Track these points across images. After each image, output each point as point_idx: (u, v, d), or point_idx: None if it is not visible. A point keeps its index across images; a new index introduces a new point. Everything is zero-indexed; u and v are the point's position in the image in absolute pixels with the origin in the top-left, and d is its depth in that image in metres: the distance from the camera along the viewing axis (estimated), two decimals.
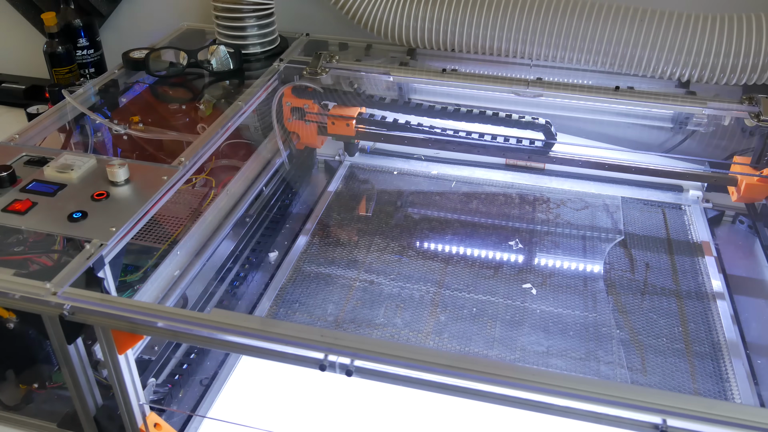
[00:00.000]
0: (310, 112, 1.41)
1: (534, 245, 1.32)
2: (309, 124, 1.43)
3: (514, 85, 1.35)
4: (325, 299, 1.18)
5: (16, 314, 0.88)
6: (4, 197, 0.98)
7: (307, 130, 1.45)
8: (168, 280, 1.03)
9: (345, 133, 1.43)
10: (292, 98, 1.40)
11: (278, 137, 1.37)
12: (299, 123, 1.44)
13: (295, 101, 1.41)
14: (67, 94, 1.29)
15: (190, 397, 1.01)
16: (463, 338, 1.10)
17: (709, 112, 1.29)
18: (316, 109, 1.42)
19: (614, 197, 1.46)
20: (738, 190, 1.32)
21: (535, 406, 0.74)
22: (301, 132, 1.46)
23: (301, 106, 1.41)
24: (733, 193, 1.34)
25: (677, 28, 1.32)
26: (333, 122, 1.42)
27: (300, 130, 1.45)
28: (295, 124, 1.44)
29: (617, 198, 1.46)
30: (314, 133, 1.45)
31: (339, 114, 1.43)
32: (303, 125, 1.44)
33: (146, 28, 1.84)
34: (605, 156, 1.38)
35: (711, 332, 1.13)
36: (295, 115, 1.42)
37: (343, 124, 1.42)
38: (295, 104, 1.41)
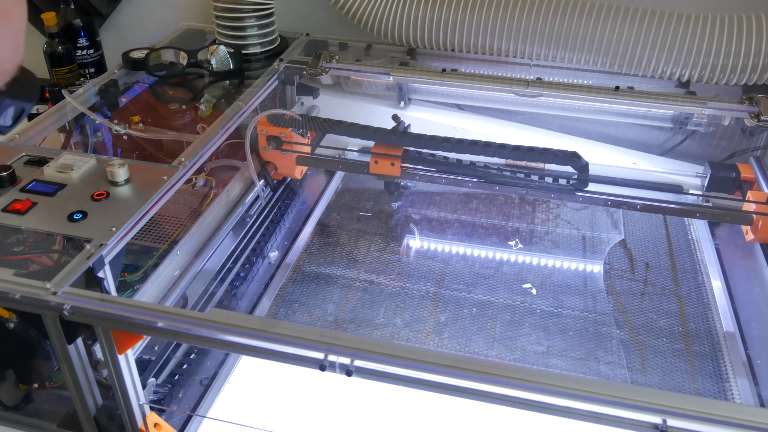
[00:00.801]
0: (288, 141, 1.30)
1: (534, 245, 1.32)
2: (286, 153, 1.32)
3: (514, 85, 1.35)
4: (325, 299, 1.18)
5: (16, 314, 0.88)
6: (4, 197, 0.98)
7: (285, 159, 1.33)
8: (168, 280, 1.03)
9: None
10: (268, 126, 1.29)
11: (252, 169, 1.25)
12: (276, 152, 1.32)
13: (271, 129, 1.29)
14: (67, 94, 1.29)
15: (190, 397, 1.01)
16: (463, 338, 1.10)
17: (709, 112, 1.29)
18: (293, 138, 1.30)
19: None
20: (755, 230, 1.20)
21: (535, 406, 0.74)
22: (279, 162, 1.34)
23: (277, 135, 1.29)
24: (748, 233, 1.22)
25: (677, 28, 1.32)
26: (376, 161, 1.27)
27: (277, 159, 1.34)
28: (272, 153, 1.32)
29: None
30: (292, 162, 1.34)
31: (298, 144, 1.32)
32: (280, 155, 1.32)
33: (146, 28, 1.84)
34: (614, 194, 1.26)
35: (711, 332, 1.13)
36: (272, 145, 1.30)
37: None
38: (271, 132, 1.29)
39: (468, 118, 1.54)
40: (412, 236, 1.34)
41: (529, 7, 1.38)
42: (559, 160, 1.18)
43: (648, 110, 1.35)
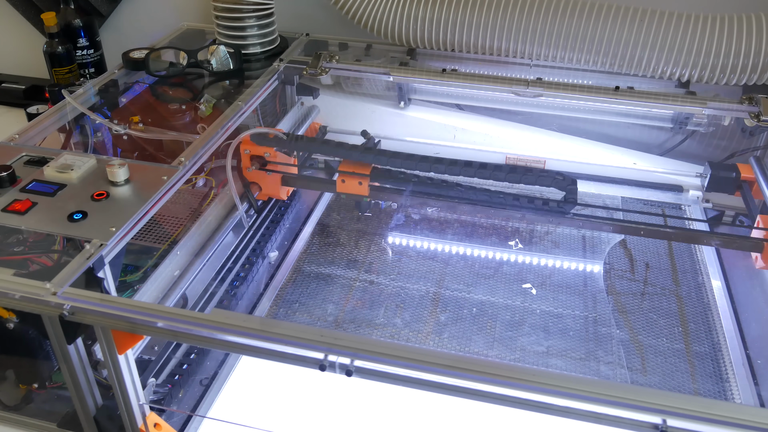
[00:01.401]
0: (272, 161, 1.22)
1: (534, 245, 1.32)
2: (270, 174, 1.23)
3: (514, 85, 1.35)
4: (324, 299, 1.18)
5: (16, 314, 0.88)
6: (4, 197, 0.98)
7: (270, 180, 1.24)
8: (168, 280, 1.03)
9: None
10: (251, 146, 1.21)
11: (233, 191, 1.16)
12: (260, 173, 1.24)
13: (255, 149, 1.22)
14: (67, 94, 1.29)
15: (190, 397, 1.01)
16: (463, 338, 1.10)
17: (709, 112, 1.29)
18: (278, 158, 1.23)
19: (614, 197, 1.46)
20: (765, 257, 1.13)
21: (535, 406, 0.74)
22: (263, 182, 1.25)
23: (261, 155, 1.22)
24: (757, 260, 1.15)
25: (677, 28, 1.32)
26: (343, 180, 1.20)
27: (261, 180, 1.25)
28: (256, 173, 1.24)
29: (617, 198, 1.46)
30: (278, 183, 1.25)
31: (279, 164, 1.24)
32: (264, 175, 1.24)
33: (146, 28, 1.84)
34: (617, 219, 1.18)
35: (711, 332, 1.13)
36: (255, 165, 1.22)
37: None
38: (254, 152, 1.22)
39: (468, 118, 1.54)
40: (411, 236, 1.34)
41: (529, 7, 1.38)
42: (543, 181, 1.10)
43: (648, 110, 1.35)
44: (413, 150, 1.55)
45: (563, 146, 1.50)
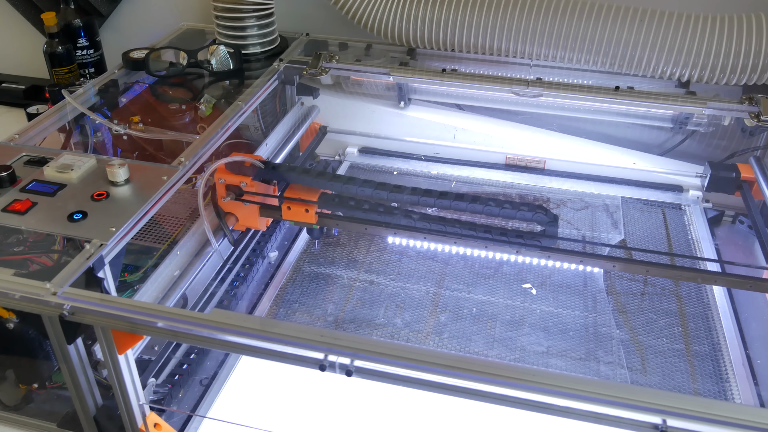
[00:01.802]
0: (248, 191, 1.11)
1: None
2: (247, 205, 1.12)
3: (514, 85, 1.35)
4: (324, 299, 1.18)
5: (16, 314, 0.88)
6: (4, 197, 0.98)
7: (247, 210, 1.13)
8: (168, 280, 1.03)
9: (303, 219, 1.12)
10: (227, 174, 1.10)
11: (206, 227, 1.07)
12: (236, 203, 1.12)
13: (230, 178, 1.10)
14: (67, 94, 1.29)
15: (189, 397, 1.02)
16: (463, 338, 1.11)
17: (709, 112, 1.29)
18: (255, 187, 1.11)
19: (614, 197, 1.46)
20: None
21: (534, 406, 0.74)
22: (239, 213, 1.14)
23: (237, 184, 1.11)
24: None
25: (677, 29, 1.32)
26: (289, 207, 1.10)
27: (238, 210, 1.14)
28: (231, 204, 1.12)
29: (617, 198, 1.46)
30: (255, 213, 1.14)
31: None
32: (241, 205, 1.13)
33: (146, 28, 1.84)
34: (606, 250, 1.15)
35: (711, 332, 1.13)
36: (230, 195, 1.11)
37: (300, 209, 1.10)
38: (230, 182, 1.10)
39: (468, 118, 1.54)
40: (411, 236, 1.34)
41: (529, 7, 1.38)
42: (523, 214, 1.02)
43: (648, 110, 1.35)
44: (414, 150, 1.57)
45: (563, 146, 1.50)
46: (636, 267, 1.06)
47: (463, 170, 1.55)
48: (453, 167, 1.55)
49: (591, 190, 1.48)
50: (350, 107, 1.57)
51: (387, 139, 1.57)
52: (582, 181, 1.50)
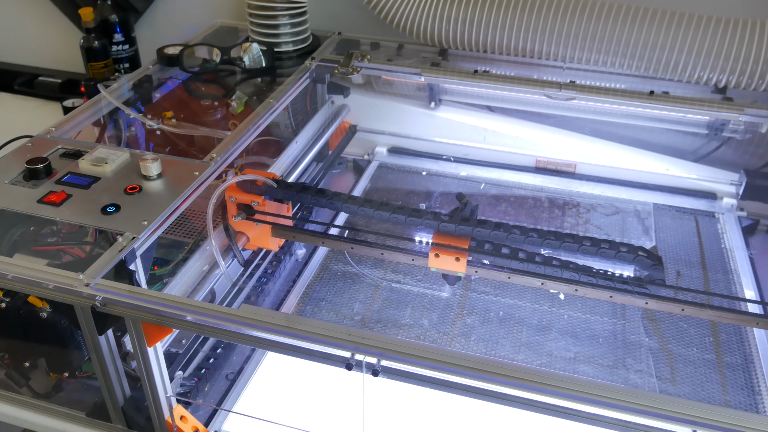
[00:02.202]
0: (260, 210, 1.07)
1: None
2: (259, 225, 1.08)
3: (546, 88, 1.34)
4: (351, 298, 1.19)
5: (49, 304, 0.90)
6: (40, 188, 0.99)
7: (258, 230, 1.09)
8: (197, 275, 1.04)
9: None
10: (238, 193, 1.07)
11: (214, 247, 1.03)
12: (248, 222, 1.08)
13: (242, 196, 1.07)
14: (103, 89, 1.31)
15: (215, 391, 1.02)
16: (490, 341, 1.10)
17: (746, 119, 1.27)
18: (267, 207, 1.07)
19: (646, 203, 1.44)
20: None
21: (562, 412, 0.73)
22: (251, 232, 1.10)
23: (248, 203, 1.07)
24: None
25: (715, 33, 1.29)
26: (437, 254, 1.00)
27: (249, 230, 1.10)
28: (242, 223, 1.08)
29: (649, 204, 1.44)
30: (267, 234, 1.09)
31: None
32: (252, 225, 1.09)
33: (180, 24, 1.86)
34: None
35: (743, 343, 1.11)
36: (241, 215, 1.06)
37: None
38: (241, 200, 1.07)
39: (499, 120, 1.53)
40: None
41: (563, 9, 1.37)
42: (623, 257, 0.96)
43: (683, 116, 1.33)
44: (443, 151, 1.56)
45: (595, 150, 1.49)
46: (670, 305, 0.96)
47: (493, 172, 1.54)
48: (482, 169, 1.54)
49: (622, 196, 1.46)
50: (380, 107, 1.57)
51: (416, 140, 1.57)
52: (613, 186, 1.48)
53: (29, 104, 1.84)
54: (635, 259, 0.96)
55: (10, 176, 1.02)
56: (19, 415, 0.99)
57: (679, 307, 0.95)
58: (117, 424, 0.95)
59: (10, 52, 2.04)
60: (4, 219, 0.94)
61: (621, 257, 0.96)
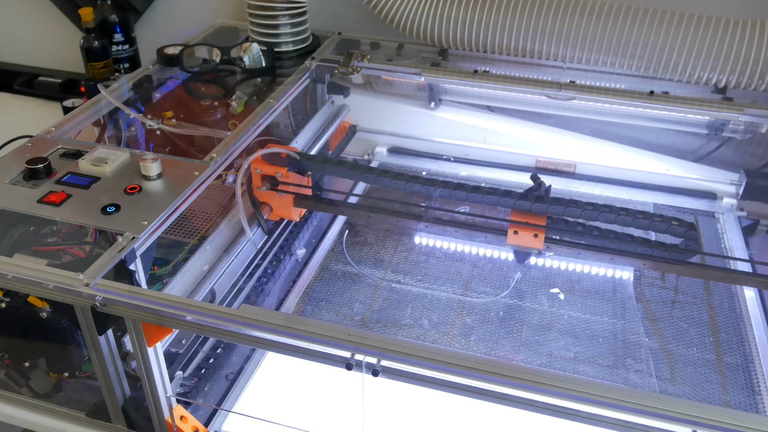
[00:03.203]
0: (284, 181, 1.14)
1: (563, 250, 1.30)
2: (282, 195, 1.15)
3: (546, 88, 1.34)
4: (351, 298, 1.19)
5: (49, 304, 0.90)
6: (39, 188, 0.99)
7: (281, 201, 1.17)
8: (197, 275, 1.04)
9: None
10: (263, 165, 1.14)
11: (241, 213, 1.11)
12: (271, 193, 1.16)
13: (266, 168, 1.14)
14: (103, 89, 1.31)
15: (215, 391, 1.02)
16: (490, 341, 1.10)
17: (746, 119, 1.27)
18: (290, 178, 1.15)
19: (646, 203, 1.44)
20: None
21: (562, 412, 0.73)
22: (274, 203, 1.18)
23: (273, 175, 1.15)
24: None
25: (715, 33, 1.29)
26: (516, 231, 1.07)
27: (272, 201, 1.17)
28: (266, 193, 1.16)
29: (649, 204, 1.44)
30: (289, 204, 1.17)
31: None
32: (275, 195, 1.16)
33: (180, 24, 1.86)
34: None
35: (743, 343, 1.11)
36: (266, 185, 1.15)
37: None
38: (266, 172, 1.14)
39: (499, 120, 1.53)
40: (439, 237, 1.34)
41: (563, 10, 1.37)
42: (674, 230, 1.03)
43: (683, 116, 1.33)
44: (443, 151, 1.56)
45: (595, 150, 1.49)
46: (667, 266, 1.04)
47: (493, 172, 1.54)
48: (482, 169, 1.54)
49: (623, 196, 1.46)
50: (380, 107, 1.57)
51: (416, 140, 1.57)
52: (613, 186, 1.48)
53: (29, 104, 1.84)
54: (669, 228, 1.03)
55: (10, 176, 1.02)
56: (19, 415, 0.99)
57: (674, 268, 1.04)
58: (117, 424, 0.95)
59: (10, 52, 2.04)
60: (4, 219, 0.94)
61: (655, 227, 1.03)
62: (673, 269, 1.05)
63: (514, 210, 1.07)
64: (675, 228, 1.03)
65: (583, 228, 1.07)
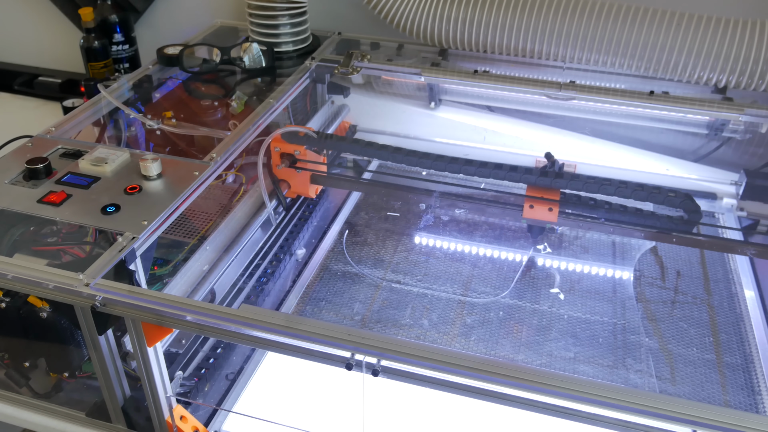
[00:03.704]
0: (302, 159, 1.22)
1: (563, 249, 1.30)
2: (300, 172, 1.23)
3: (546, 88, 1.34)
4: (351, 298, 1.19)
5: (49, 304, 0.90)
6: (39, 188, 0.99)
7: (299, 178, 1.24)
8: (197, 275, 1.04)
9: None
10: (282, 143, 1.22)
11: (262, 188, 1.18)
12: (289, 171, 1.24)
13: (285, 146, 1.22)
14: (103, 89, 1.31)
15: (215, 391, 1.02)
16: (490, 342, 1.10)
17: (746, 119, 1.27)
18: (307, 156, 1.23)
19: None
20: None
21: (561, 412, 0.73)
22: (292, 180, 1.25)
23: (291, 152, 1.22)
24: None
25: (715, 33, 1.29)
26: (531, 205, 1.14)
27: (290, 178, 1.25)
28: (285, 171, 1.24)
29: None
30: (306, 181, 1.25)
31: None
32: (294, 173, 1.24)
33: (180, 24, 1.86)
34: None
35: (743, 343, 1.11)
36: (285, 162, 1.23)
37: None
38: (284, 150, 1.22)
39: (499, 120, 1.53)
40: (439, 237, 1.34)
41: (563, 10, 1.37)
42: (671, 201, 1.10)
43: (683, 116, 1.33)
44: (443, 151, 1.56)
45: (595, 150, 1.49)
46: (664, 236, 1.13)
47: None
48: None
49: None
50: (380, 107, 1.57)
51: (416, 140, 1.57)
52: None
53: (29, 104, 1.84)
54: (682, 203, 1.10)
55: (10, 176, 1.02)
56: (19, 415, 0.99)
57: (671, 237, 1.11)
58: (117, 424, 0.95)
59: (10, 52, 2.04)
60: (4, 219, 0.94)
61: (669, 201, 1.10)
62: (672, 239, 1.13)
63: (530, 186, 1.15)
64: (672, 199, 1.10)
65: (594, 203, 1.13)
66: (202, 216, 1.21)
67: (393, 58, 1.55)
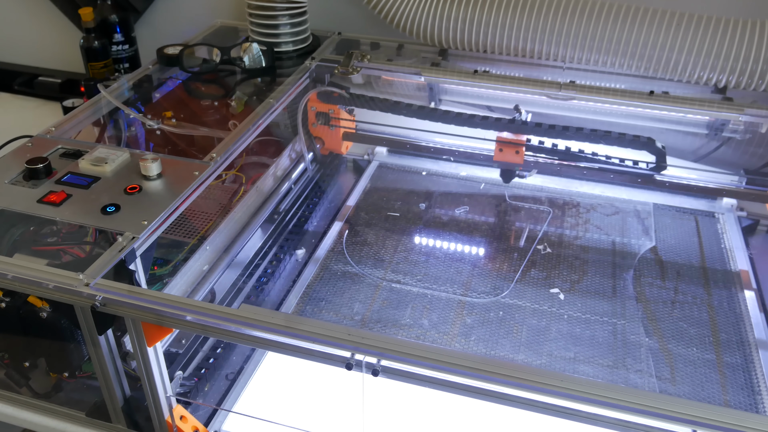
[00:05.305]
0: (335, 117, 1.39)
1: (563, 250, 1.30)
2: (333, 129, 1.40)
3: (546, 88, 1.34)
4: (351, 298, 1.19)
5: (49, 304, 0.90)
6: (39, 188, 0.99)
7: (332, 135, 1.42)
8: (197, 275, 1.04)
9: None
10: (317, 103, 1.38)
11: (302, 142, 1.35)
12: (324, 128, 1.41)
13: (320, 106, 1.38)
14: (103, 89, 1.31)
15: (215, 391, 1.02)
16: (490, 342, 1.10)
17: (746, 119, 1.27)
18: (341, 114, 1.40)
19: (646, 203, 1.44)
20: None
21: (561, 412, 0.73)
22: (326, 137, 1.43)
23: (326, 111, 1.39)
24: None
25: (715, 33, 1.29)
26: (501, 149, 1.36)
27: (324, 135, 1.43)
28: (320, 129, 1.42)
29: (649, 204, 1.44)
30: (339, 138, 1.43)
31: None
32: (327, 130, 1.41)
33: (180, 24, 1.86)
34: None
35: (743, 343, 1.11)
36: (320, 120, 1.40)
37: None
38: (320, 109, 1.38)
39: None
40: (439, 237, 1.34)
41: (563, 10, 1.37)
42: (635, 144, 1.25)
43: (683, 116, 1.33)
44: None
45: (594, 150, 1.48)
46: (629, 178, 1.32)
47: (493, 172, 1.53)
48: (482, 169, 1.54)
49: (622, 196, 1.46)
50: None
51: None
52: (613, 186, 1.48)
53: (29, 104, 1.84)
54: (645, 146, 1.26)
55: (10, 176, 1.02)
56: (19, 415, 0.99)
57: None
58: (117, 424, 0.95)
59: (10, 52, 2.04)
60: (4, 219, 0.94)
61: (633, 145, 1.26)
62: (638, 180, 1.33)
63: (500, 136, 1.32)
64: (635, 142, 1.26)
65: (561, 150, 1.30)
66: (202, 216, 1.21)
67: (393, 58, 1.55)
